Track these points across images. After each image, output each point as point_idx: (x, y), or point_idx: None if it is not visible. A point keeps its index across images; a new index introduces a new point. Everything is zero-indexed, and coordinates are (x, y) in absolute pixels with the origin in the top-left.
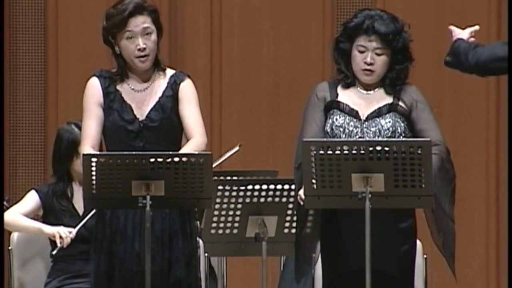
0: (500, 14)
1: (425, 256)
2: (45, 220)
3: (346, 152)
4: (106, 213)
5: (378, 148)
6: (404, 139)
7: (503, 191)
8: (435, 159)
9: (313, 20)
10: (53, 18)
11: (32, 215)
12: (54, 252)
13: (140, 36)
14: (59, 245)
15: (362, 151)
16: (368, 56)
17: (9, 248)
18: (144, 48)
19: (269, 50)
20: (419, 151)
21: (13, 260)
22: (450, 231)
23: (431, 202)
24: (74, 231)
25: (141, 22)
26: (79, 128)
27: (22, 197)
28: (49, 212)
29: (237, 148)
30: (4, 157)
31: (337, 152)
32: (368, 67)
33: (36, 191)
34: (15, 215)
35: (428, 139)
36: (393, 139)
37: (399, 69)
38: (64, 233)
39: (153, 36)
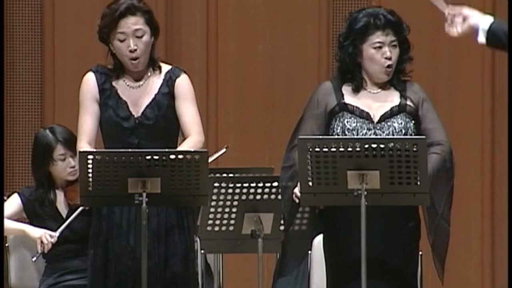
0: (495, 11)
1: (420, 253)
2: (31, 222)
3: (341, 149)
4: (102, 208)
5: (374, 145)
6: (399, 136)
7: (498, 188)
8: (437, 159)
9: (309, 18)
10: (50, 16)
11: (16, 218)
12: (34, 259)
13: (131, 37)
14: (39, 250)
15: (358, 149)
16: (387, 50)
17: (6, 245)
18: (135, 50)
19: (265, 48)
20: (415, 149)
21: (9, 258)
22: (442, 232)
23: (427, 199)
24: (56, 234)
25: (132, 23)
26: (53, 133)
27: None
28: (32, 216)
29: (223, 150)
30: (3, 156)
31: (333, 149)
32: (390, 62)
33: (19, 194)
34: None
35: (424, 136)
36: (388, 137)
37: (405, 58)
38: (46, 239)
39: (145, 38)
